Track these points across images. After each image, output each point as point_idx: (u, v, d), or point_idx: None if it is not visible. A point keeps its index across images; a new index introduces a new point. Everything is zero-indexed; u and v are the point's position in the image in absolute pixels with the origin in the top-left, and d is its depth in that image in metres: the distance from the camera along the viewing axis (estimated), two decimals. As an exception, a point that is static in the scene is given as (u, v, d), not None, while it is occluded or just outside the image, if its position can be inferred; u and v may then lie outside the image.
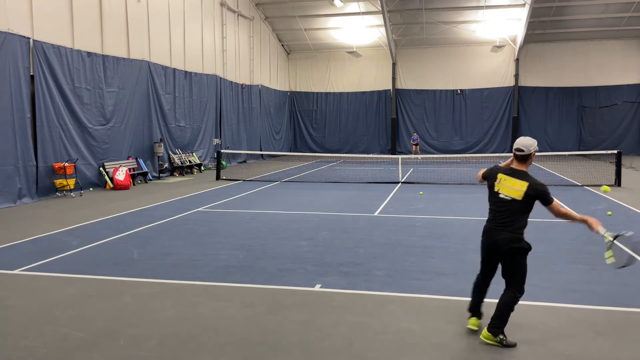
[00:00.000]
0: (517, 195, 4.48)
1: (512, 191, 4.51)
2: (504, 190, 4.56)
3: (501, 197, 4.56)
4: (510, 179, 4.54)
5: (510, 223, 4.53)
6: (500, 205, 4.57)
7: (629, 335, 4.83)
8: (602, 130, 31.85)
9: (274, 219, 10.98)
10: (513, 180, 4.53)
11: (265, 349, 4.63)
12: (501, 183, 4.59)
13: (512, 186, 4.51)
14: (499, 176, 4.62)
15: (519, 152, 4.55)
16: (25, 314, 5.51)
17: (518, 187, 4.48)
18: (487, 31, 30.68)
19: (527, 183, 4.46)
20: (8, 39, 13.10)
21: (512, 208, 4.51)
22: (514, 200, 4.49)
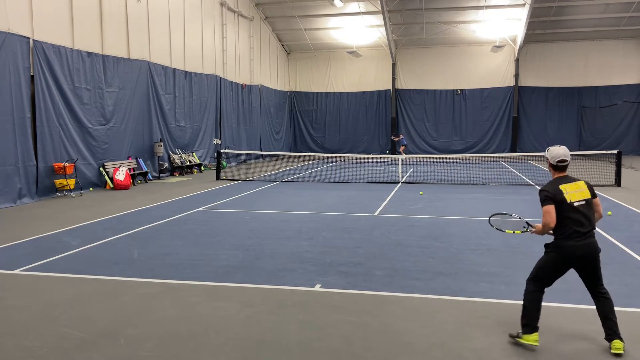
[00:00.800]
0: (587, 194, 4.61)
1: (581, 194, 4.61)
2: (574, 197, 4.59)
3: (577, 205, 4.57)
4: (571, 185, 4.64)
5: (593, 226, 4.59)
6: (582, 212, 4.56)
7: (628, 335, 4.82)
8: (602, 130, 31.85)
9: (274, 219, 10.98)
10: (573, 185, 4.64)
11: (265, 349, 4.63)
12: (568, 193, 4.60)
13: (576, 190, 4.62)
14: (561, 188, 4.62)
15: (563, 163, 4.70)
16: (25, 314, 5.51)
17: (582, 188, 4.63)
18: (487, 31, 30.68)
19: (582, 181, 4.69)
20: (8, 39, 13.10)
21: (589, 209, 4.61)
22: (588, 201, 4.60)
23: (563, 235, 4.56)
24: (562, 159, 4.67)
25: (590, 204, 4.60)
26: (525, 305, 4.66)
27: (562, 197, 4.56)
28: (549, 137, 32.43)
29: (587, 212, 4.57)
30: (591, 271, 4.58)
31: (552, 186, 4.63)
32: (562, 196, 4.57)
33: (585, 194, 4.60)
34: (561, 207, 4.55)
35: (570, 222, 4.53)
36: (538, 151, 30.99)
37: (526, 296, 4.69)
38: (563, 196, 4.56)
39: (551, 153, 4.74)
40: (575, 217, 4.53)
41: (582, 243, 4.50)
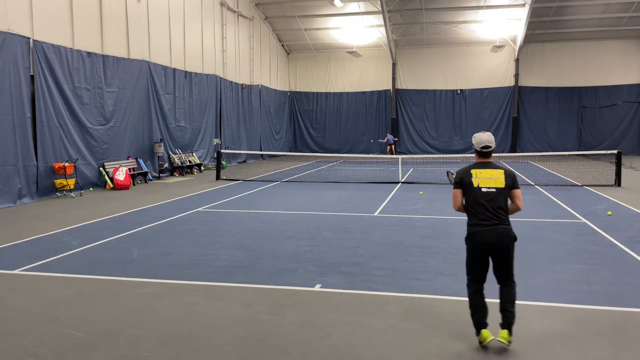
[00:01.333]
0: (500, 183, 4.53)
1: (493, 181, 4.54)
2: (485, 183, 4.55)
3: (485, 190, 4.54)
4: (487, 171, 4.58)
5: (502, 214, 4.52)
6: (489, 199, 4.53)
7: (629, 335, 4.83)
8: (602, 130, 31.85)
9: (274, 219, 10.98)
10: (490, 171, 4.58)
11: (265, 349, 4.63)
12: (478, 177, 4.57)
13: (491, 177, 4.55)
14: (471, 172, 4.61)
15: (487, 149, 4.65)
16: (25, 314, 5.51)
17: (497, 176, 4.54)
18: (487, 31, 30.68)
19: (502, 170, 4.58)
20: (8, 39, 13.10)
21: (500, 197, 4.53)
22: (499, 190, 4.53)
23: (472, 221, 4.59)
24: (486, 144, 4.64)
25: (502, 193, 4.53)
26: (473, 308, 4.67)
27: (469, 181, 4.57)
28: (549, 137, 32.45)
29: (497, 199, 4.51)
30: (502, 260, 4.55)
31: (464, 169, 4.66)
32: (469, 179, 4.57)
33: (499, 182, 4.52)
34: (469, 191, 4.58)
35: (478, 207, 4.54)
36: (538, 151, 31.00)
37: (469, 299, 4.71)
38: (471, 180, 4.57)
39: (476, 139, 4.73)
40: (482, 203, 4.52)
41: (489, 229, 4.48)
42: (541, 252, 7.96)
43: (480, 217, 4.53)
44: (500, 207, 4.53)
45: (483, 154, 4.69)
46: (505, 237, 4.49)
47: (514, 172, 4.63)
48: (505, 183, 4.54)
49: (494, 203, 4.51)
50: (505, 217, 4.54)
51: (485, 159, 4.69)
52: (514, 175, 4.62)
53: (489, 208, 4.51)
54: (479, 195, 4.54)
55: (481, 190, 4.53)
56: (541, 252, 7.96)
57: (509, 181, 4.55)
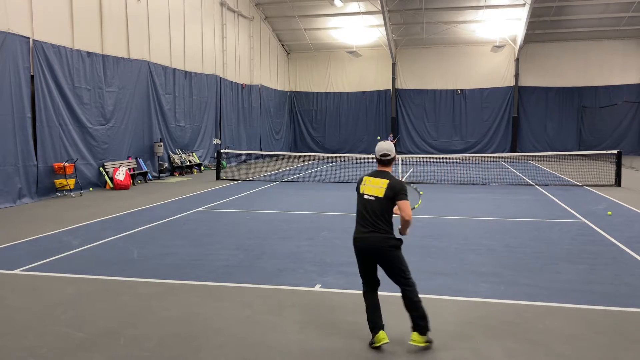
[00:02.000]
0: (379, 192, 4.63)
1: (374, 190, 4.66)
2: (368, 190, 4.69)
3: (366, 198, 4.67)
4: (374, 179, 4.71)
5: (377, 222, 4.61)
6: (366, 206, 4.66)
7: (629, 335, 4.83)
8: (602, 130, 31.84)
9: (274, 219, 10.97)
10: (376, 180, 4.70)
11: (265, 349, 4.63)
12: (366, 184, 4.73)
13: (375, 185, 4.68)
14: (364, 179, 4.77)
15: (385, 157, 4.75)
16: (25, 314, 5.51)
17: (380, 185, 4.65)
18: (487, 31, 30.68)
19: (387, 180, 4.66)
20: (8, 39, 13.10)
21: (376, 206, 4.62)
22: (377, 199, 4.62)
23: (355, 226, 4.76)
24: (384, 152, 4.75)
25: (379, 202, 4.61)
26: (367, 310, 4.71)
27: (358, 187, 4.78)
28: (549, 137, 32.45)
29: (375, 207, 4.61)
30: (384, 265, 4.68)
31: (363, 176, 4.82)
32: (359, 186, 4.78)
33: (379, 192, 4.62)
34: (358, 197, 4.77)
35: (359, 212, 4.72)
36: (538, 151, 31.00)
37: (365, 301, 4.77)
38: (360, 186, 4.76)
39: (377, 147, 4.82)
40: (362, 209, 4.68)
41: (363, 236, 4.64)
42: (541, 252, 7.96)
43: (359, 223, 4.71)
44: (377, 215, 4.60)
45: (382, 162, 4.79)
46: (378, 244, 4.58)
47: (399, 185, 4.65)
48: (385, 194, 4.60)
49: (371, 211, 4.62)
50: (382, 226, 4.60)
51: (383, 168, 4.79)
52: (399, 188, 4.63)
53: (366, 215, 4.64)
54: (361, 202, 4.71)
55: (363, 197, 4.69)
56: (541, 252, 7.96)
57: (389, 193, 4.60)
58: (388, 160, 4.76)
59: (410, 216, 4.67)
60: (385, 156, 4.74)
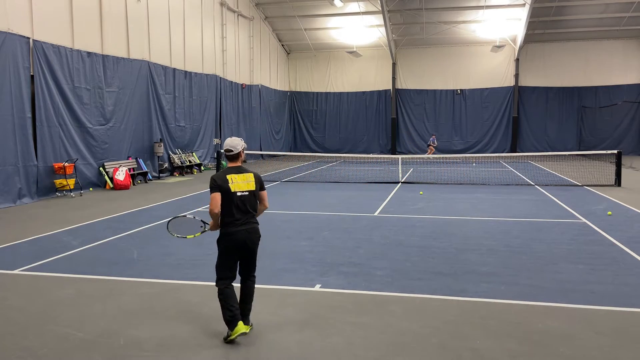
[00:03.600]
0: (251, 186, 4.92)
1: (246, 185, 4.90)
2: (239, 187, 4.88)
3: (239, 194, 4.86)
4: (239, 176, 4.92)
5: (253, 216, 4.94)
6: (244, 201, 4.87)
7: (629, 335, 4.83)
8: (602, 130, 31.83)
9: (274, 219, 10.97)
10: (241, 176, 4.92)
11: (265, 349, 4.63)
12: (234, 182, 4.88)
13: (243, 181, 4.91)
14: (227, 178, 4.88)
15: (229, 152, 4.97)
16: (25, 314, 5.51)
17: (249, 179, 4.92)
18: (487, 31, 30.67)
19: (251, 173, 4.97)
20: (8, 39, 13.10)
21: (252, 199, 4.93)
22: (251, 192, 4.91)
23: (227, 222, 4.86)
24: (227, 148, 4.96)
25: (254, 195, 4.92)
26: (222, 305, 4.81)
27: (227, 187, 4.85)
28: (549, 137, 32.44)
29: (250, 201, 4.90)
30: (249, 257, 4.97)
31: (221, 175, 4.91)
32: (227, 185, 4.85)
33: (251, 185, 4.90)
34: (227, 196, 4.83)
35: (234, 210, 4.84)
36: (538, 151, 31.00)
37: (219, 297, 4.85)
38: (228, 185, 4.85)
39: (224, 143, 5.02)
40: (237, 206, 4.85)
41: (242, 229, 4.85)
42: (541, 252, 7.96)
43: (235, 218, 4.84)
44: (253, 207, 4.93)
45: (229, 158, 5.01)
46: (254, 234, 4.92)
47: (260, 176, 5.05)
48: (255, 184, 4.94)
49: (248, 204, 4.89)
50: (255, 218, 4.97)
51: (235, 163, 5.00)
52: (261, 178, 5.06)
53: (242, 210, 4.86)
54: (234, 199, 4.84)
55: (237, 194, 4.85)
56: (541, 252, 7.96)
57: (257, 183, 4.96)
58: (233, 155, 4.98)
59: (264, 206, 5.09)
60: (229, 151, 4.97)
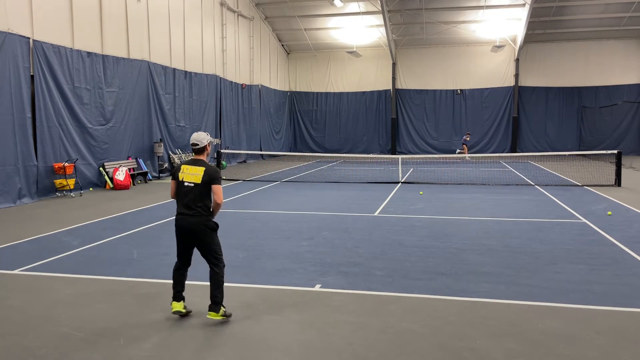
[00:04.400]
0: (197, 179, 5.16)
1: (192, 177, 5.18)
2: (187, 178, 5.20)
3: (186, 184, 5.19)
4: (191, 167, 5.22)
5: (196, 207, 5.16)
6: (187, 192, 5.18)
7: (628, 335, 4.83)
8: (602, 130, 31.83)
9: (274, 219, 10.98)
10: (193, 168, 5.21)
11: (265, 349, 4.63)
12: (183, 172, 5.23)
13: (192, 172, 5.20)
14: (182, 167, 5.26)
15: (195, 146, 5.29)
16: (25, 314, 5.51)
17: (197, 172, 5.18)
18: (487, 31, 30.68)
19: (203, 168, 5.20)
20: (8, 39, 13.10)
21: (196, 192, 5.16)
22: (196, 185, 5.16)
23: (177, 209, 5.27)
24: (192, 142, 5.29)
25: (198, 188, 5.14)
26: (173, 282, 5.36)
27: (177, 174, 5.25)
28: (549, 137, 32.44)
29: (194, 193, 5.15)
30: (199, 246, 5.25)
31: (179, 164, 5.37)
32: (178, 173, 5.25)
33: (197, 178, 5.15)
34: (177, 184, 5.26)
35: (180, 197, 5.23)
36: (538, 151, 31.00)
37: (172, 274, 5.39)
38: (179, 174, 5.24)
39: (191, 137, 5.36)
40: (183, 195, 5.20)
41: (184, 217, 5.18)
42: (541, 252, 7.96)
43: (180, 207, 5.21)
44: (196, 199, 5.15)
45: (195, 151, 5.32)
46: (197, 226, 5.14)
47: (214, 171, 5.22)
48: (202, 180, 5.15)
49: (191, 196, 5.16)
50: (201, 209, 5.17)
51: (197, 156, 5.31)
52: (214, 173, 5.20)
53: (187, 200, 5.17)
54: (181, 188, 5.22)
55: (184, 184, 5.21)
56: (541, 252, 7.96)
57: (206, 178, 5.16)
58: (198, 149, 5.28)
59: (222, 200, 5.25)
60: (194, 145, 5.27)
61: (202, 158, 5.30)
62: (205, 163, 5.26)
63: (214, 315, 5.15)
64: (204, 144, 5.26)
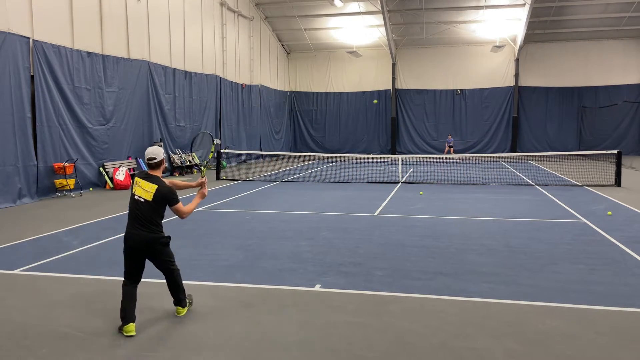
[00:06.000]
0: (148, 196, 5.01)
1: (144, 193, 5.04)
2: (138, 192, 5.06)
3: (136, 198, 5.05)
4: (144, 182, 5.07)
5: (147, 223, 5.01)
6: (137, 206, 5.03)
7: (628, 335, 4.83)
8: (602, 130, 31.83)
9: (274, 219, 10.97)
10: (146, 183, 5.06)
11: (265, 349, 4.63)
12: (137, 186, 5.08)
13: (144, 188, 5.05)
14: (136, 180, 5.13)
15: (151, 161, 5.13)
16: (25, 314, 5.51)
17: (149, 189, 5.03)
18: (487, 31, 30.68)
19: (156, 186, 5.03)
20: (8, 39, 13.10)
21: (146, 208, 5.01)
22: (147, 201, 5.01)
23: (127, 225, 5.12)
24: (150, 156, 5.14)
25: (149, 205, 4.99)
26: (122, 300, 5.05)
27: (131, 189, 5.14)
28: (549, 137, 32.44)
29: (145, 209, 5.00)
30: (154, 259, 5.14)
31: (135, 176, 5.25)
32: (132, 187, 5.14)
33: (148, 195, 5.01)
34: (130, 196, 5.12)
35: (130, 212, 5.07)
36: (538, 151, 31.00)
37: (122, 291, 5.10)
38: (133, 186, 5.13)
39: (146, 151, 5.18)
40: (133, 209, 5.05)
41: (134, 233, 5.01)
42: (541, 252, 7.96)
43: (130, 221, 5.06)
44: (146, 216, 5.00)
45: (150, 166, 5.17)
46: (149, 243, 5.01)
47: (167, 191, 5.06)
48: (154, 198, 5.01)
49: (141, 211, 5.00)
50: (151, 226, 5.02)
51: (151, 171, 5.16)
52: (168, 194, 5.05)
53: (137, 215, 5.02)
54: (133, 202, 5.07)
55: (134, 197, 5.06)
56: (541, 252, 7.96)
57: (159, 198, 5.02)
58: (155, 163, 5.13)
59: (186, 214, 5.23)
60: (151, 160, 5.12)
61: (157, 174, 5.16)
62: (159, 180, 5.11)
63: (182, 311, 5.35)
64: (160, 158, 5.14)
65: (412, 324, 5.16)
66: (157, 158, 5.12)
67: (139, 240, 5.00)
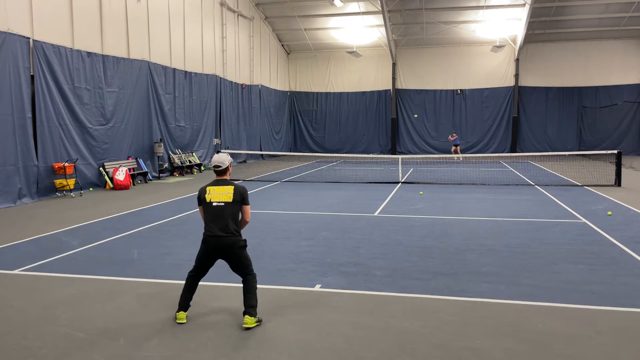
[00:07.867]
0: (228, 198, 5.20)
1: (222, 197, 5.20)
2: (215, 198, 5.22)
3: (215, 205, 5.20)
4: (218, 188, 5.26)
5: (226, 227, 5.16)
6: (217, 212, 5.18)
7: (628, 335, 4.83)
8: (602, 130, 31.83)
9: (274, 219, 10.98)
10: (220, 188, 5.25)
11: (265, 349, 4.63)
12: (210, 194, 5.24)
13: (221, 192, 5.22)
14: (207, 189, 5.29)
15: (217, 168, 5.33)
16: (25, 314, 5.51)
17: (226, 192, 5.22)
18: (487, 31, 30.68)
19: (232, 186, 5.26)
20: (8, 39, 13.10)
21: (227, 211, 5.18)
22: (227, 204, 5.19)
23: (205, 228, 5.24)
24: (216, 164, 5.33)
25: (230, 207, 5.17)
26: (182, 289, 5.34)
27: (204, 197, 5.28)
28: (549, 137, 32.44)
29: (227, 213, 5.16)
30: (232, 262, 5.26)
31: (203, 187, 5.35)
32: (204, 195, 5.28)
33: (227, 197, 5.19)
34: (205, 205, 5.27)
35: (209, 217, 5.21)
36: (538, 151, 31.00)
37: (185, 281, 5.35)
38: (205, 196, 5.27)
39: (212, 159, 5.39)
40: (212, 214, 5.20)
41: (217, 239, 5.15)
42: (541, 252, 7.96)
43: (214, 229, 5.16)
44: (227, 219, 5.16)
45: (216, 173, 5.36)
46: (232, 248, 5.17)
47: (243, 190, 5.28)
48: (234, 198, 5.19)
49: (222, 216, 5.16)
50: (230, 229, 5.16)
51: (220, 177, 5.36)
52: (245, 193, 5.28)
53: (217, 220, 5.16)
54: (211, 209, 5.21)
55: (212, 205, 5.21)
56: (541, 252, 7.96)
57: (237, 197, 5.22)
58: (221, 170, 5.34)
59: (249, 219, 5.41)
60: (217, 167, 5.33)
61: (226, 178, 5.36)
62: (231, 181, 5.32)
63: (251, 322, 5.07)
64: (226, 165, 5.32)
65: (412, 324, 5.16)
66: (223, 165, 5.32)
67: (220, 244, 5.14)
